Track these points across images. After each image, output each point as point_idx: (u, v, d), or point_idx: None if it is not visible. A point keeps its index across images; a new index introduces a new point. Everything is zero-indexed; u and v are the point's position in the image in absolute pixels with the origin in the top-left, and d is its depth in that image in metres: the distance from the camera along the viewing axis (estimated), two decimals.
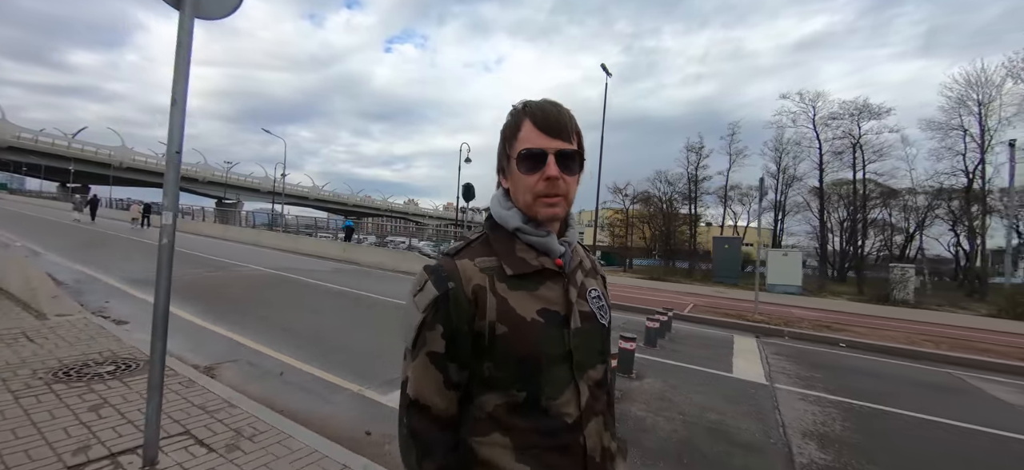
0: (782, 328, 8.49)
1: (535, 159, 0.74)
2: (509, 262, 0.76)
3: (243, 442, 2.51)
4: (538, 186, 0.74)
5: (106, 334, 4.33)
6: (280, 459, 2.37)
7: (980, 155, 26.19)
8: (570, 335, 0.75)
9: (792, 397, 4.63)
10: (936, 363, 7.05)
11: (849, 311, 13.19)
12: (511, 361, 0.72)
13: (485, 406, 0.73)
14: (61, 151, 54.08)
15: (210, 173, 65.34)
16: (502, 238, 0.78)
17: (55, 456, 2.19)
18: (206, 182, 64.52)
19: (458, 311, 0.71)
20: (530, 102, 0.78)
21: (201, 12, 2.33)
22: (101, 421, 2.59)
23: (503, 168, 0.80)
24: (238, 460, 2.32)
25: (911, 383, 5.77)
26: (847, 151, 28.74)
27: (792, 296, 15.99)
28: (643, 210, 37.46)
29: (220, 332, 5.09)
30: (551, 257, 0.77)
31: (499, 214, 0.80)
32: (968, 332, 10.19)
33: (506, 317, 0.72)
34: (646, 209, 37.25)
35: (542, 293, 0.75)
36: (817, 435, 3.65)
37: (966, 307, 15.12)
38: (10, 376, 3.09)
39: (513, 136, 0.76)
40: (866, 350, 7.66)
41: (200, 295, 6.89)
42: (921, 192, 28.04)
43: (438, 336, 0.71)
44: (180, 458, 2.29)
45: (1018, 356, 7.45)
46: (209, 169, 65.92)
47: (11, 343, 3.79)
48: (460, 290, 0.72)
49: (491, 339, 0.72)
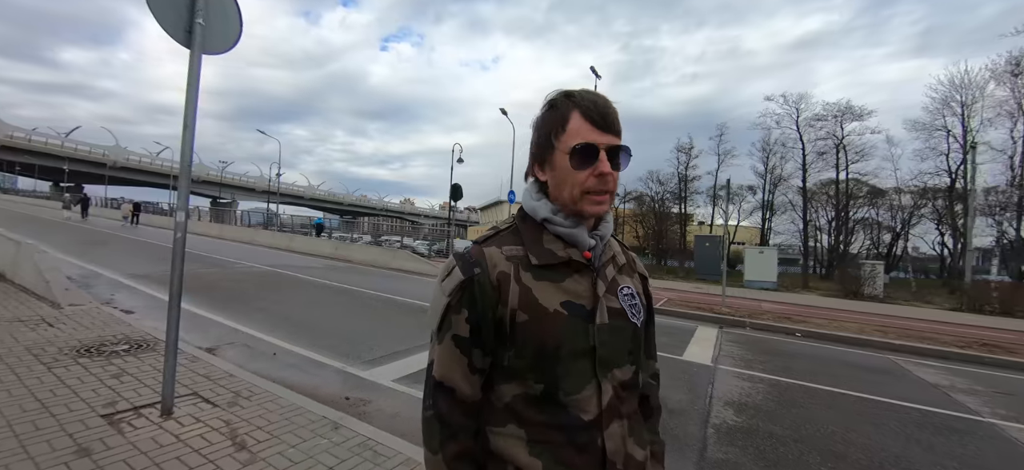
0: (745, 319, 9.10)
1: (587, 154, 0.72)
2: (535, 252, 0.76)
3: (241, 401, 3.05)
4: (588, 182, 0.73)
5: (117, 320, 4.85)
6: (271, 411, 2.92)
7: (962, 155, 27.08)
8: (595, 330, 0.74)
9: (729, 375, 5.22)
10: (880, 350, 7.67)
11: (816, 305, 13.86)
12: (529, 351, 0.72)
13: (503, 396, 0.74)
14: (55, 150, 54.12)
15: (205, 172, 65.40)
16: (531, 228, 0.78)
17: (90, 409, 2.72)
18: (201, 181, 64.54)
19: (483, 297, 0.72)
20: (575, 92, 0.77)
21: (207, 50, 2.86)
22: (123, 385, 3.12)
23: (543, 160, 0.79)
24: (237, 412, 2.86)
25: (848, 366, 6.37)
26: (831, 152, 29.59)
27: (768, 291, 16.68)
28: (636, 209, 38.24)
29: (219, 320, 5.61)
30: (579, 249, 0.77)
31: (529, 205, 0.80)
32: (921, 324, 10.85)
33: (528, 306, 0.72)
34: (639, 208, 38.03)
35: (568, 285, 0.75)
36: (737, 404, 4.23)
37: (931, 302, 15.83)
38: (40, 352, 3.62)
39: (560, 128, 0.75)
40: (819, 339, 8.27)
41: (199, 289, 7.39)
42: (907, 191, 28.94)
43: (463, 320, 0.72)
44: (190, 410, 2.83)
45: (955, 343, 8.09)
46: (204, 168, 65.96)
47: (34, 328, 4.31)
48: (485, 276, 0.73)
49: (512, 327, 0.72)
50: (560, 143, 0.74)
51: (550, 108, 0.77)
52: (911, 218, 29.90)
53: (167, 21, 2.75)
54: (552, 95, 0.78)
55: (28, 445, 2.26)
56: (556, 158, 0.75)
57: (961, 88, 27.04)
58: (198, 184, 64.07)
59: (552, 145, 0.75)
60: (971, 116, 27.10)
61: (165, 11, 2.74)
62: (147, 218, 28.62)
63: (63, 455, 2.20)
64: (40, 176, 58.35)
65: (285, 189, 73.21)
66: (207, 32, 2.84)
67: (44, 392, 2.89)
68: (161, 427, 2.58)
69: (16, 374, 3.12)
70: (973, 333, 9.71)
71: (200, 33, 2.80)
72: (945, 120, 27.40)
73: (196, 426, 2.63)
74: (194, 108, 2.80)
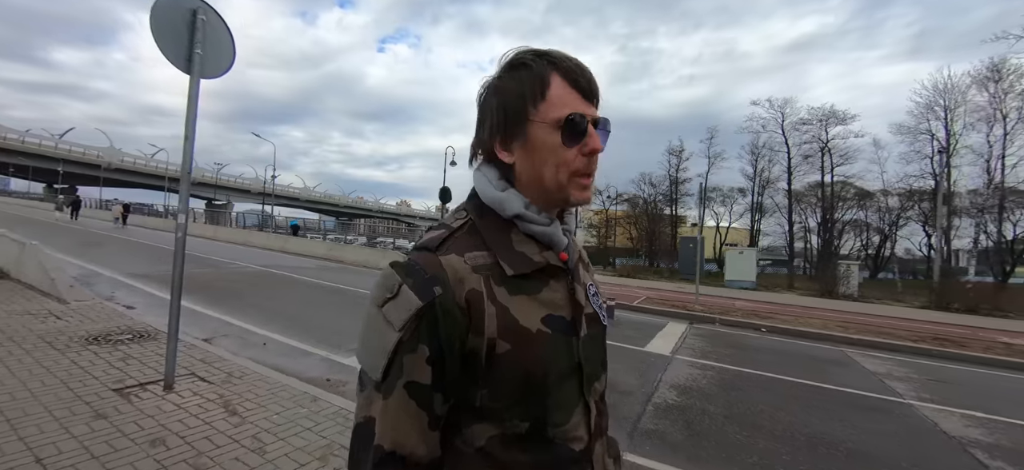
0: (715, 316, 9.59)
1: (577, 128, 0.59)
2: (508, 258, 0.60)
3: (234, 379, 3.49)
4: (577, 162, 0.60)
5: (120, 314, 5.27)
6: (260, 387, 3.36)
7: (946, 159, 27.85)
8: (580, 344, 0.63)
9: (683, 364, 5.70)
10: (837, 344, 8.18)
11: (790, 303, 14.40)
12: (513, 385, 0.57)
13: (473, 439, 0.58)
14: (48, 152, 54.15)
15: (200, 174, 65.51)
16: (494, 226, 0.62)
17: (102, 384, 3.16)
18: (196, 183, 64.55)
19: (448, 326, 0.54)
20: (549, 51, 0.62)
21: (204, 75, 3.31)
22: (129, 366, 3.55)
23: (510, 136, 0.62)
24: (230, 388, 3.30)
25: (801, 357, 6.87)
26: (816, 155, 30.30)
27: (747, 291, 17.24)
28: (629, 211, 38.91)
29: (214, 315, 6.03)
30: (556, 251, 0.64)
31: (491, 196, 0.62)
32: (886, 320, 11.39)
33: (509, 331, 0.56)
34: (632, 210, 38.69)
35: (545, 296, 0.61)
36: (681, 387, 4.71)
37: (902, 300, 16.44)
38: (53, 340, 4.04)
39: (539, 94, 0.59)
40: (783, 334, 8.77)
41: (194, 288, 7.80)
42: (894, 194, 29.69)
43: (422, 361, 0.53)
44: (189, 386, 3.27)
45: (910, 338, 8.61)
46: (199, 170, 66.03)
47: (44, 320, 4.72)
48: (449, 297, 0.54)
49: (490, 360, 0.56)
50: (539, 113, 0.59)
51: (517, 69, 0.61)
52: (898, 220, 30.71)
53: (170, 51, 3.20)
54: (517, 53, 0.62)
55: (53, 410, 2.69)
56: (534, 132, 0.60)
57: (944, 93, 27.85)
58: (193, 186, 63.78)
59: (525, 117, 0.60)
60: (954, 120, 27.93)
61: (168, 42, 3.19)
62: (141, 220, 28.87)
63: (83, 417, 2.64)
64: (34, 178, 58.32)
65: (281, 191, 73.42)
66: (204, 60, 3.29)
67: (61, 372, 3.32)
68: (164, 398, 3.02)
69: (33, 357, 3.55)
70: (931, 329, 10.26)
71: (198, 61, 3.24)
72: (929, 124, 28.17)
73: (194, 398, 3.07)
74: (193, 124, 3.25)
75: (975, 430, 4.16)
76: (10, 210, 29.31)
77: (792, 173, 29.95)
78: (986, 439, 3.96)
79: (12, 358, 3.49)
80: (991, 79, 26.35)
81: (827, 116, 29.52)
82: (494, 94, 0.63)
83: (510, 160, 0.63)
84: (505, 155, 0.63)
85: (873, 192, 30.65)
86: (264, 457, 2.41)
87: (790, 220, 30.17)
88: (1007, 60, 25.08)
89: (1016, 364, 7.32)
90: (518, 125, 0.61)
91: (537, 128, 0.60)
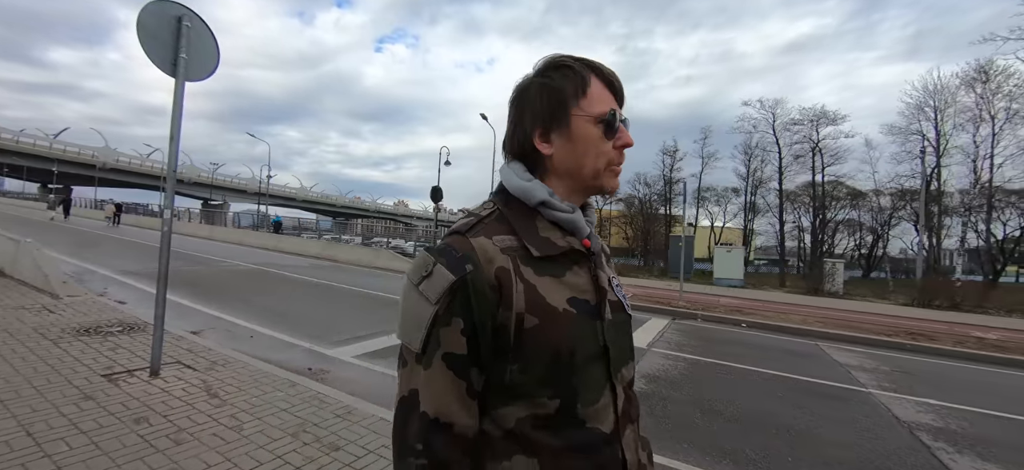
0: (698, 312, 9.82)
1: (613, 123, 0.66)
2: (533, 242, 0.64)
3: (217, 367, 3.67)
4: (612, 154, 0.67)
5: (111, 309, 5.44)
6: (242, 375, 3.55)
7: (936, 159, 28.22)
8: (604, 328, 0.65)
9: (657, 356, 5.91)
10: (814, 338, 8.41)
11: (775, 300, 14.67)
12: (542, 361, 0.59)
13: (504, 421, 0.60)
14: (43, 152, 54.01)
15: (196, 174, 65.46)
16: (520, 214, 0.66)
17: (91, 370, 3.34)
18: (192, 183, 64.58)
19: (480, 300, 0.58)
20: (586, 59, 0.69)
21: (189, 78, 3.49)
22: (118, 355, 3.73)
23: (551, 129, 0.67)
24: (213, 375, 3.49)
25: (775, 350, 7.09)
26: (807, 155, 30.65)
27: (734, 288, 17.51)
28: (625, 211, 39.22)
29: (204, 310, 6.21)
30: (578, 237, 0.67)
31: (518, 186, 0.67)
32: (865, 316, 11.65)
33: (536, 307, 0.60)
34: (627, 210, 39.00)
35: (570, 279, 0.65)
36: (650, 376, 4.92)
37: (887, 298, 16.73)
38: (45, 331, 4.22)
39: (580, 92, 0.66)
40: (763, 329, 9.01)
41: (186, 284, 7.97)
42: (886, 193, 30.01)
43: (458, 333, 0.58)
44: (175, 372, 3.45)
45: (886, 333, 8.87)
46: (195, 170, 66.03)
47: (37, 313, 4.90)
48: (480, 274, 0.58)
49: (519, 334, 0.59)
50: (581, 108, 0.66)
51: (561, 69, 0.68)
52: (890, 220, 31.07)
53: (156, 55, 3.39)
54: (557, 58, 0.69)
55: (45, 392, 2.88)
56: (577, 125, 0.66)
57: (934, 94, 28.19)
58: (189, 186, 64.12)
59: (567, 111, 0.66)
60: (944, 121, 28.28)
61: (154, 47, 3.37)
62: (136, 219, 28.93)
63: (73, 398, 2.83)
64: (28, 178, 58.13)
65: (277, 191, 73.44)
66: (189, 64, 3.48)
67: (52, 359, 3.50)
68: (150, 383, 3.21)
69: (27, 347, 3.73)
70: (909, 324, 10.52)
71: (183, 65, 3.43)
72: (920, 125, 28.48)
73: (178, 383, 3.26)
74: (178, 126, 3.43)
75: (926, 416, 4.39)
76: (4, 210, 29.33)
77: (783, 173, 30.25)
78: (935, 424, 4.18)
79: (6, 347, 3.67)
80: (979, 80, 26.74)
81: (818, 116, 29.88)
82: (536, 90, 0.68)
83: (549, 150, 0.67)
84: (544, 146, 0.67)
85: (866, 192, 31.06)
86: (240, 434, 2.60)
87: (781, 219, 30.53)
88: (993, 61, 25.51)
89: (983, 357, 7.57)
90: (561, 118, 0.66)
91: (579, 121, 0.66)
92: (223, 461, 2.30)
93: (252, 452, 2.41)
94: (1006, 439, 3.93)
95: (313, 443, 2.56)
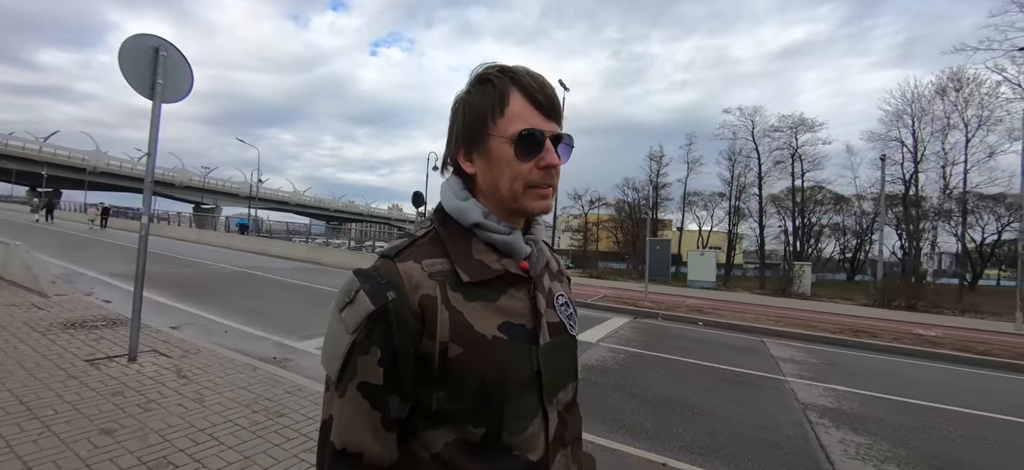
0: (659, 312, 10.39)
1: (533, 143, 0.62)
2: (465, 266, 0.62)
3: (189, 355, 4.16)
4: (533, 175, 0.63)
5: (96, 306, 5.90)
6: (210, 361, 4.04)
7: (914, 165, 29.11)
8: (539, 353, 0.63)
9: (602, 349, 6.45)
10: (761, 334, 8.98)
11: (738, 301, 15.35)
12: (469, 389, 0.58)
13: (431, 445, 0.59)
14: (33, 155, 53.88)
15: (188, 178, 65.41)
16: (456, 235, 0.64)
17: (75, 356, 3.81)
18: (183, 187, 64.55)
19: (401, 329, 0.57)
20: (512, 68, 0.65)
21: (165, 100, 4.00)
22: (100, 344, 4.21)
23: (471, 148, 0.65)
24: (184, 361, 3.98)
25: (719, 345, 7.65)
26: (786, 161, 31.49)
27: (707, 290, 18.16)
28: (615, 215, 39.95)
29: (184, 308, 6.68)
30: (515, 259, 0.65)
31: (453, 205, 0.66)
32: (820, 315, 12.28)
33: (461, 336, 0.58)
34: (617, 215, 39.73)
35: (504, 303, 0.63)
36: (588, 366, 5.45)
37: (851, 298, 17.44)
38: (34, 325, 4.68)
39: (498, 110, 0.63)
40: (718, 327, 9.58)
41: (173, 285, 8.43)
42: (868, 198, 30.79)
43: (374, 362, 0.57)
44: (150, 359, 3.94)
45: (831, 330, 9.47)
46: (186, 173, 65.96)
47: (27, 310, 5.35)
48: (403, 301, 0.57)
49: (442, 363, 0.58)
50: (497, 128, 0.63)
51: (482, 84, 0.65)
52: (874, 223, 31.87)
53: (135, 81, 3.88)
54: (483, 69, 0.66)
55: (34, 373, 3.36)
56: (492, 146, 0.63)
57: (912, 101, 29.05)
58: (181, 190, 64.09)
59: (485, 130, 0.63)
60: (921, 127, 29.18)
61: (134, 74, 3.87)
62: (125, 223, 29.12)
63: (59, 377, 3.31)
64: (17, 181, 57.87)
65: (270, 195, 73.48)
66: (165, 88, 3.98)
67: (41, 348, 3.97)
68: (127, 367, 3.69)
69: (18, 338, 4.20)
70: (858, 323, 11.15)
71: (160, 89, 3.93)
72: (899, 131, 29.28)
73: (153, 366, 3.74)
74: (155, 143, 3.94)
75: (826, 399, 4.95)
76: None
77: (763, 178, 31.05)
78: (830, 405, 4.74)
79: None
80: (953, 88, 27.66)
81: (797, 124, 30.74)
82: (461, 107, 0.66)
83: (472, 170, 0.66)
84: (467, 165, 0.66)
85: (849, 197, 31.89)
86: (201, 405, 3.09)
87: (761, 223, 31.30)
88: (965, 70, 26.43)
89: (914, 351, 8.17)
90: (479, 138, 0.64)
91: (495, 141, 0.63)
92: (182, 423, 2.79)
93: (208, 417, 2.91)
94: (887, 418, 4.49)
95: (261, 411, 3.06)
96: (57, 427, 2.61)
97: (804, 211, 31.41)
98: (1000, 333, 11.37)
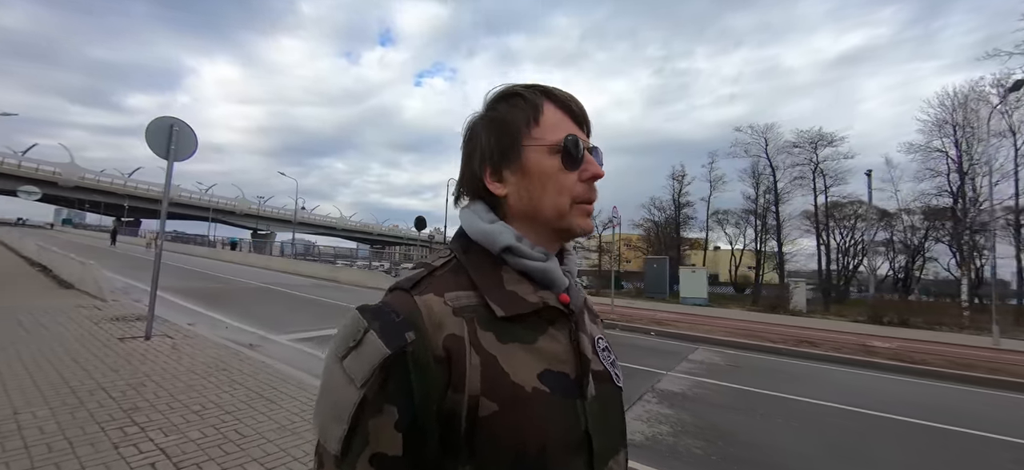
0: (618, 323, 11.35)
1: (576, 152, 0.55)
2: (497, 298, 0.52)
3: (188, 339, 5.85)
4: (578, 188, 0.56)
5: (137, 308, 7.87)
6: (200, 342, 5.70)
7: (960, 177, 27.54)
8: (586, 408, 0.52)
9: None
10: (703, 343, 9.74)
11: (710, 316, 15.72)
12: (504, 460, 0.46)
13: None
14: (118, 189, 61.80)
15: (246, 206, 72.13)
16: (483, 263, 0.55)
17: (111, 336, 5.60)
18: (243, 215, 71.19)
19: (423, 380, 0.45)
20: (538, 84, 0.59)
21: (177, 159, 5.81)
22: (130, 329, 6.01)
23: (502, 164, 0.57)
24: (181, 341, 5.67)
25: (646, 349, 8.56)
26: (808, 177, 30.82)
27: (697, 307, 18.55)
28: (646, 235, 40.23)
29: (203, 312, 8.56)
30: (554, 291, 0.56)
31: (479, 229, 0.56)
32: (782, 329, 12.60)
33: (496, 388, 0.47)
34: (648, 235, 40.01)
35: (544, 346, 0.52)
36: None
37: (844, 315, 17.22)
38: (91, 318, 6.60)
39: (532, 120, 0.56)
40: (669, 336, 10.41)
41: (203, 297, 10.46)
42: (916, 212, 28.92)
43: (391, 426, 0.45)
44: (159, 339, 5.66)
45: (781, 341, 10.05)
46: (245, 202, 72.78)
47: (90, 310, 7.35)
48: (424, 345, 0.46)
49: (471, 424, 0.46)
50: (534, 138, 0.55)
51: (511, 98, 0.58)
52: (925, 239, 29.85)
53: (157, 149, 5.72)
54: (505, 88, 0.60)
55: (84, 343, 5.13)
56: (528, 157, 0.56)
57: (953, 110, 27.56)
58: (241, 217, 70.67)
59: (519, 141, 0.56)
60: (964, 137, 27.56)
61: (155, 143, 5.71)
62: (188, 249, 33.19)
63: (97, 347, 5.06)
64: (105, 212, 66.31)
65: (318, 221, 79.31)
66: (176, 151, 5.80)
67: (92, 331, 5.80)
68: (142, 342, 5.42)
69: (78, 325, 6.08)
70: (811, 334, 11.54)
71: (173, 153, 5.75)
72: (942, 142, 27.73)
73: (159, 342, 5.45)
74: (168, 189, 5.74)
75: (683, 387, 5.90)
76: (78, 240, 34.54)
77: (779, 196, 30.63)
78: (680, 391, 5.70)
79: (65, 324, 6.03)
80: (1001, 96, 26.10)
81: (817, 139, 30.25)
82: (489, 125, 0.58)
83: (502, 191, 0.57)
84: (496, 186, 0.57)
85: (893, 212, 29.95)
86: (178, 364, 4.70)
87: (779, 239, 30.71)
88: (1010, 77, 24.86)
89: (844, 360, 8.67)
90: (511, 150, 0.56)
91: (532, 152, 0.56)
92: (163, 371, 4.40)
93: (178, 368, 4.50)
94: (715, 400, 5.41)
95: (215, 369, 4.63)
96: (90, 366, 4.28)
97: (828, 228, 30.46)
98: (979, 347, 11.34)
